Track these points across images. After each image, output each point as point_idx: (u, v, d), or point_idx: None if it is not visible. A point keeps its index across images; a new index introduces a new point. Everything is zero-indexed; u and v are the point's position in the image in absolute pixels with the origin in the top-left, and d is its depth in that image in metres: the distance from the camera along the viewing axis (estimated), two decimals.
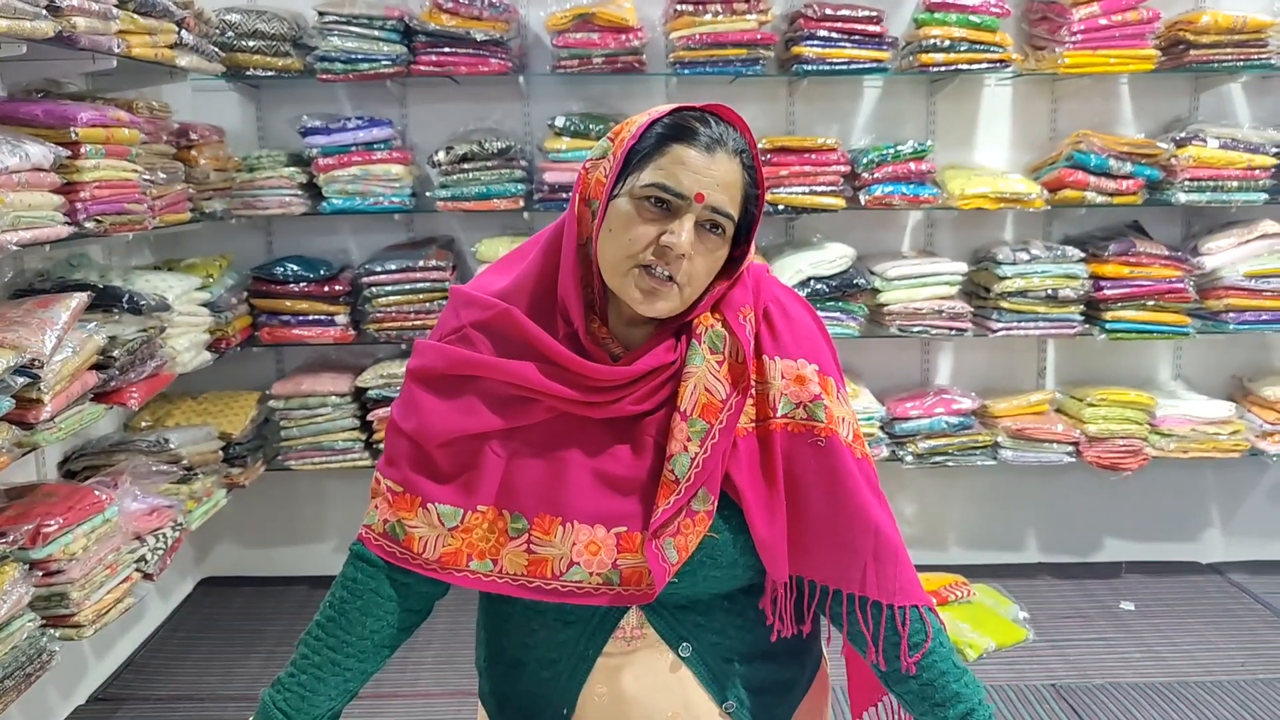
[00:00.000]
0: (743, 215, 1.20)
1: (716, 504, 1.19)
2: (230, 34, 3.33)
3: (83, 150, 2.42)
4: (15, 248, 2.13)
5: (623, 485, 1.20)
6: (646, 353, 1.21)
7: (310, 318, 3.54)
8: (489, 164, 3.46)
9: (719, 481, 1.19)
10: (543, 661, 1.28)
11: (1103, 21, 3.40)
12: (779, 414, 1.22)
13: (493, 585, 1.21)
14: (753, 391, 1.23)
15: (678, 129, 1.17)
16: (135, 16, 2.65)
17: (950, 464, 3.65)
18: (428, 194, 3.54)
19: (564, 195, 3.44)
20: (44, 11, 2.22)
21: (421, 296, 3.50)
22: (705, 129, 1.16)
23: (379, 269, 3.47)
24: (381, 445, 3.53)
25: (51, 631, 2.26)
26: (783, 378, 1.23)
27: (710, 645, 1.26)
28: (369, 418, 3.56)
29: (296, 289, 3.51)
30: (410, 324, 3.52)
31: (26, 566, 2.16)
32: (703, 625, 1.26)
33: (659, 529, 1.17)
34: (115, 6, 2.52)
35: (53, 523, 2.24)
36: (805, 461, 1.22)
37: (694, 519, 1.18)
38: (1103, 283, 3.54)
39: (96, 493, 2.43)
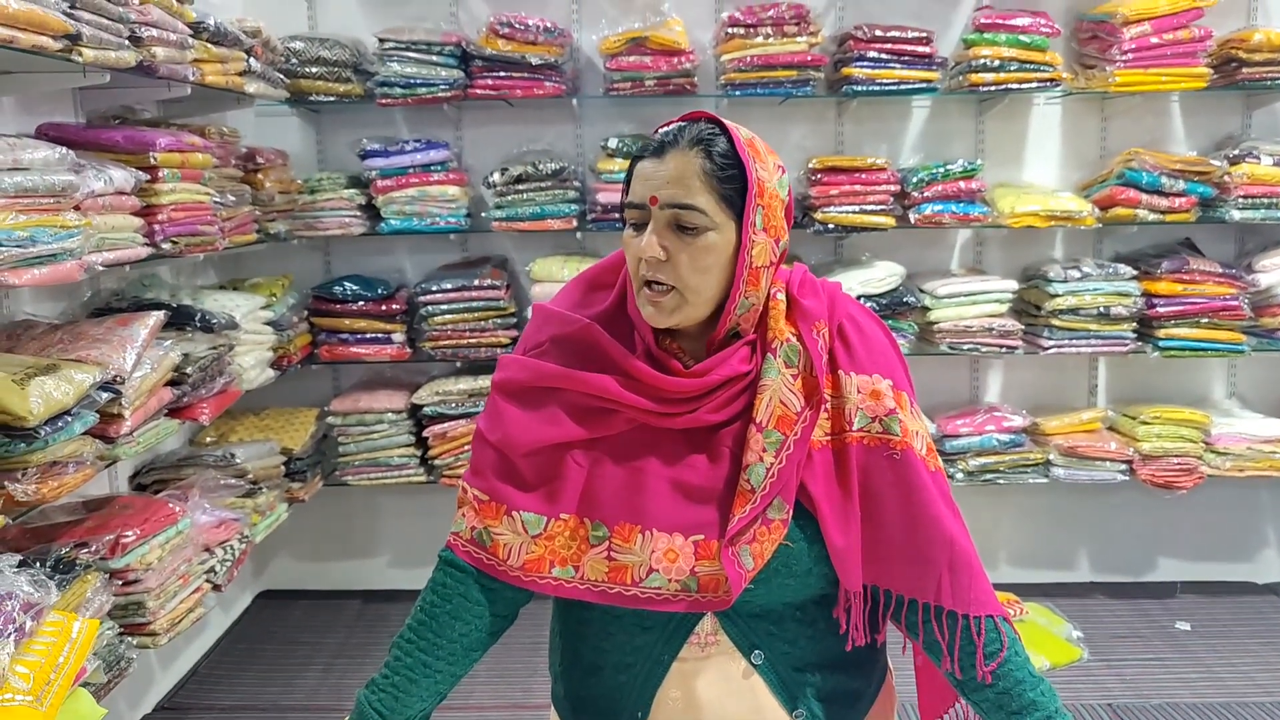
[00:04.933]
0: (734, 197, 1.21)
1: (791, 513, 1.22)
2: (294, 61, 3.43)
3: (160, 174, 2.51)
4: (100, 268, 2.21)
5: (700, 494, 1.24)
6: (720, 363, 1.25)
7: (368, 336, 3.62)
8: (543, 185, 3.52)
9: (794, 491, 1.23)
10: (619, 666, 1.31)
11: (1154, 40, 3.41)
12: (855, 427, 1.25)
13: (574, 592, 1.25)
14: (828, 405, 1.26)
15: (640, 149, 1.26)
16: (209, 46, 2.75)
17: (1001, 482, 3.65)
18: (483, 214, 3.62)
19: (616, 215, 3.50)
20: (127, 43, 2.32)
21: (476, 315, 3.57)
22: (660, 138, 1.23)
23: (434, 288, 3.55)
24: (437, 462, 3.60)
25: (129, 639, 2.33)
26: (858, 392, 1.26)
27: (782, 654, 1.29)
28: (424, 434, 3.62)
29: (355, 308, 3.59)
30: (465, 342, 3.59)
31: (106, 576, 2.24)
32: (775, 634, 1.29)
33: (735, 536, 1.21)
34: (190, 37, 2.62)
35: (130, 534, 2.31)
36: (881, 474, 1.25)
37: (769, 527, 1.21)
38: (1155, 300, 3.53)
39: (170, 505, 2.51)
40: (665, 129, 1.25)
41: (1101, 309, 3.51)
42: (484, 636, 1.31)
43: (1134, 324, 3.57)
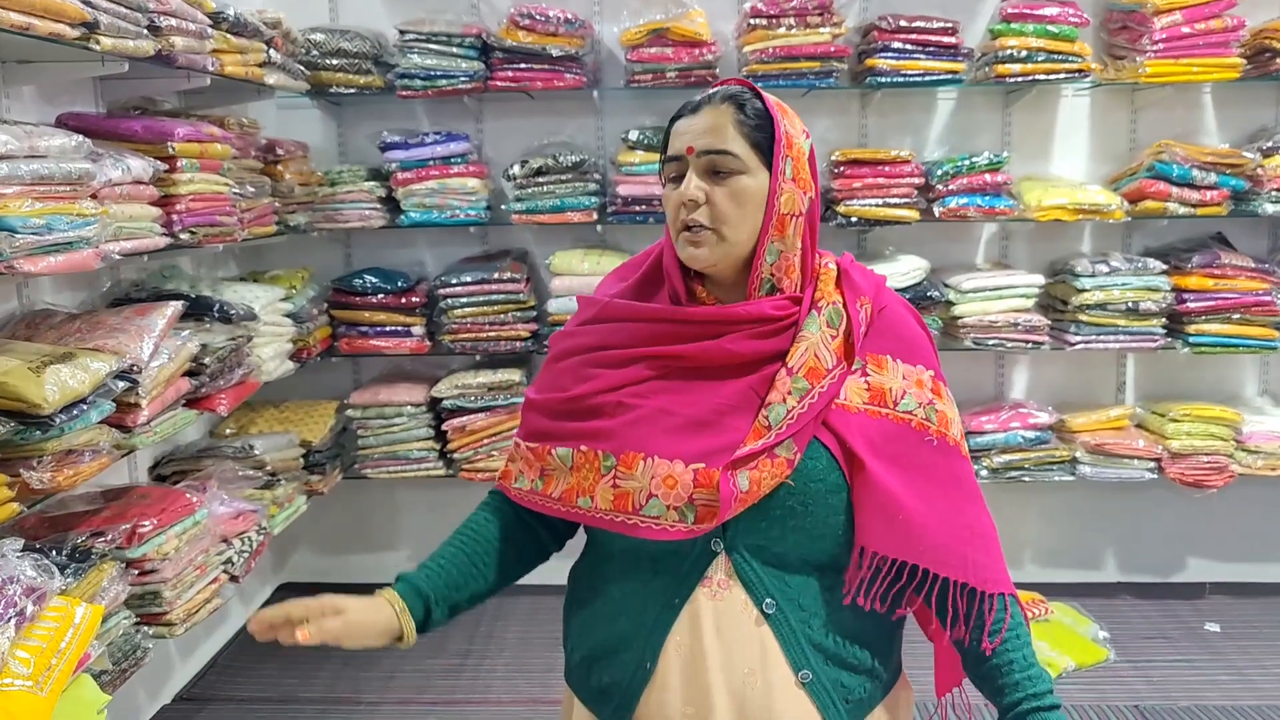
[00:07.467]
0: (766, 146, 1.29)
1: (800, 456, 1.24)
2: (315, 53, 3.43)
3: (179, 164, 2.51)
4: (118, 257, 2.21)
5: (711, 430, 1.27)
6: (747, 304, 1.31)
7: (387, 328, 3.61)
8: (563, 177, 3.50)
9: (807, 439, 1.26)
10: (631, 611, 1.33)
11: (1185, 30, 3.34)
12: (900, 409, 1.30)
13: (590, 519, 1.31)
14: (868, 379, 1.30)
15: (676, 114, 1.35)
16: (228, 36, 2.75)
17: (1026, 479, 3.59)
18: (503, 207, 3.60)
19: (637, 208, 3.48)
20: (145, 31, 2.31)
21: (496, 308, 3.55)
22: (694, 99, 1.33)
23: (454, 281, 3.53)
24: (456, 455, 3.60)
25: (145, 629, 2.33)
26: (903, 379, 1.32)
27: (795, 609, 1.28)
28: (443, 428, 3.61)
29: (374, 300, 3.59)
30: (485, 335, 3.57)
31: (123, 565, 2.24)
32: (789, 589, 1.29)
33: (738, 462, 1.23)
34: (210, 27, 2.62)
35: (147, 523, 2.31)
36: (918, 454, 1.29)
37: (774, 460, 1.24)
38: (1186, 295, 3.46)
39: (188, 495, 2.50)
40: (701, 94, 1.33)
41: (1130, 304, 3.45)
42: (515, 554, 1.42)
43: (1163, 319, 3.50)
